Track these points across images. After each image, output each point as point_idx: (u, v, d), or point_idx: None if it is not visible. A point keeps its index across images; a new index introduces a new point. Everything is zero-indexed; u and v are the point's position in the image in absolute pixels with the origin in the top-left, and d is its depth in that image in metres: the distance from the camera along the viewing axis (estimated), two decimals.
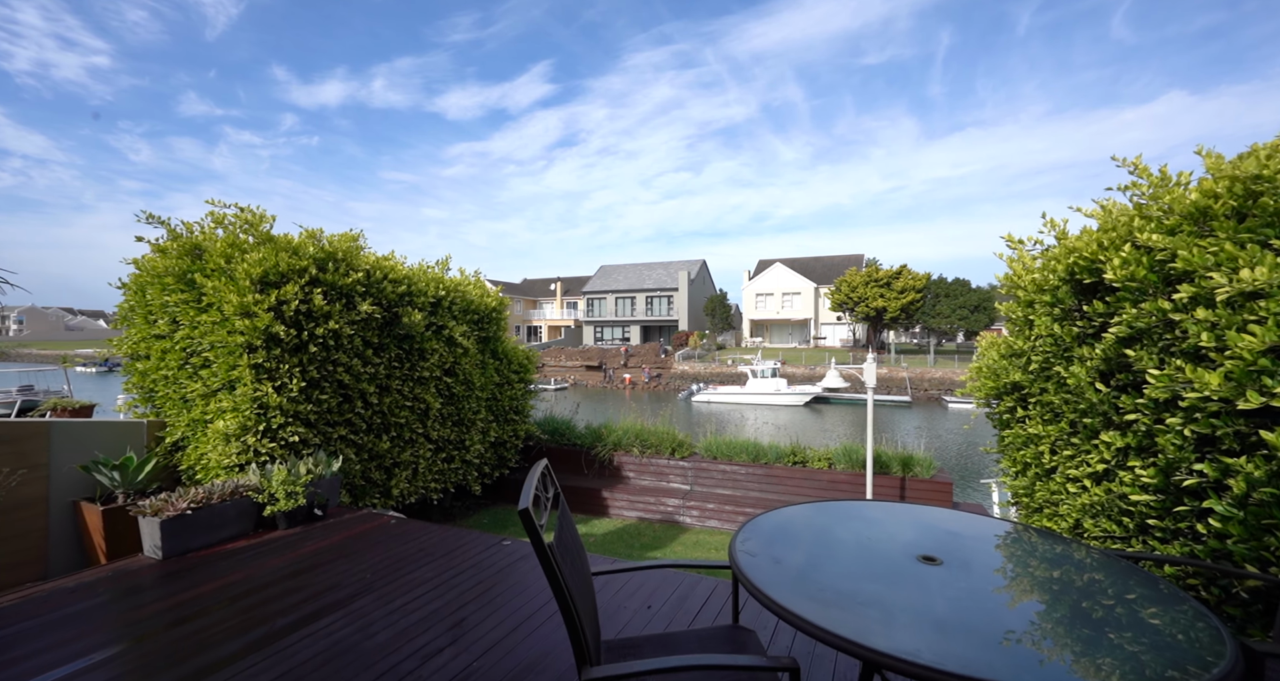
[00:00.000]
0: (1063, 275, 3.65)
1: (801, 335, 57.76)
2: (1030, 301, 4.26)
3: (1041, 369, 4.06)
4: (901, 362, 43.69)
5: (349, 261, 5.52)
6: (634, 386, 47.12)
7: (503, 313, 7.87)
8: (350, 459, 5.55)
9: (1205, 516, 2.80)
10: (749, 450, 8.13)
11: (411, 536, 4.41)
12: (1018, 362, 4.96)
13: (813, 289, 55.97)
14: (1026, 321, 4.44)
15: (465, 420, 7.26)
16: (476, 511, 8.16)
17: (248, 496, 4.20)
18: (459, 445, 7.26)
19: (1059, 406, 4.09)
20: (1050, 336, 3.84)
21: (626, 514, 8.09)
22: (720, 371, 45.57)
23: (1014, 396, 5.14)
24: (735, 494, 7.99)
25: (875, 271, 45.47)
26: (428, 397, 6.48)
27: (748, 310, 58.89)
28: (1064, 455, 4.16)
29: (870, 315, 45.16)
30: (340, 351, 5.37)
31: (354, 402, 5.60)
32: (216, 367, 4.56)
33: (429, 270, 6.82)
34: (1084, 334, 3.63)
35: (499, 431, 8.09)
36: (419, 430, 6.47)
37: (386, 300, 5.92)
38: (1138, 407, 3.12)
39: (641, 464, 8.55)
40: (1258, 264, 2.41)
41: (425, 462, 6.64)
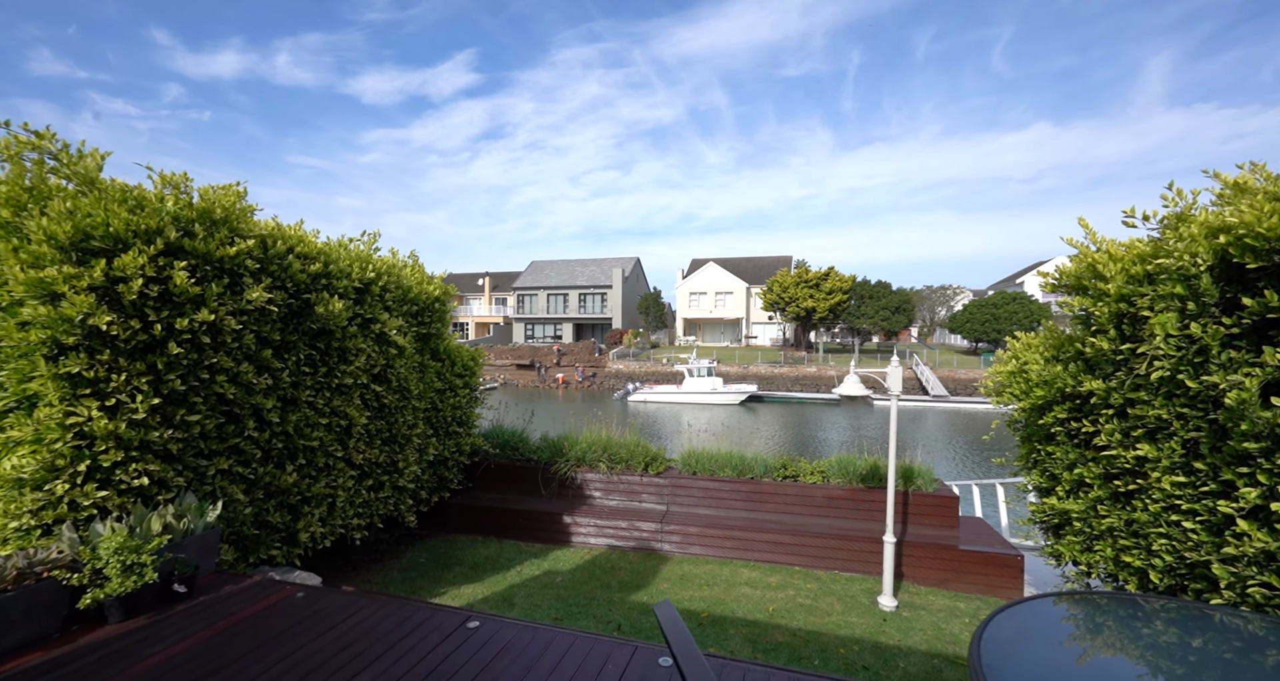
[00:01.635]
0: (1207, 260, 2.92)
1: (734, 334, 58.50)
2: (1127, 295, 3.56)
3: (1160, 378, 3.30)
4: (829, 362, 45.09)
5: (233, 225, 3.97)
6: (567, 386, 45.55)
7: (447, 304, 6.43)
8: (238, 500, 4.01)
9: None
10: (733, 463, 7.20)
11: (328, 617, 3.03)
12: (1075, 368, 4.29)
13: (744, 288, 56.79)
14: (1117, 320, 3.74)
15: (398, 437, 5.79)
16: (411, 546, 6.67)
17: (51, 578, 2.66)
18: (390, 468, 5.78)
19: (1172, 423, 3.39)
20: (1178, 338, 3.11)
21: (594, 541, 6.91)
22: (656, 370, 44.99)
23: (1066, 406, 4.49)
24: (719, 514, 7.02)
25: (805, 273, 46.64)
26: (350, 411, 4.99)
27: (681, 309, 58.85)
28: (1166, 482, 3.47)
29: (801, 315, 46.28)
30: (221, 353, 3.83)
31: (243, 423, 4.06)
32: (3, 378, 2.93)
33: (353, 246, 5.31)
34: (1235, 334, 2.93)
35: (439, 448, 6.64)
36: (338, 453, 4.97)
37: (294, 283, 4.40)
38: None
39: (610, 482, 7.39)
40: None
41: (346, 494, 5.14)
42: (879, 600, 5.42)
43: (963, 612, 5.38)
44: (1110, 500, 4.20)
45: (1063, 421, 4.55)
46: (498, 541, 6.98)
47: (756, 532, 6.55)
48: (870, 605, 5.43)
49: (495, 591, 5.54)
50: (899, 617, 5.16)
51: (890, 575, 5.35)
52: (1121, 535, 4.04)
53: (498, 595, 5.44)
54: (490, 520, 7.18)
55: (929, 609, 5.42)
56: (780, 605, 5.35)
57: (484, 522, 7.19)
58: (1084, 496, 4.43)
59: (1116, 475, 4.04)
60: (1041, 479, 5.14)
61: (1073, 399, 4.45)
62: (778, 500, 6.95)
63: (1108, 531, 4.25)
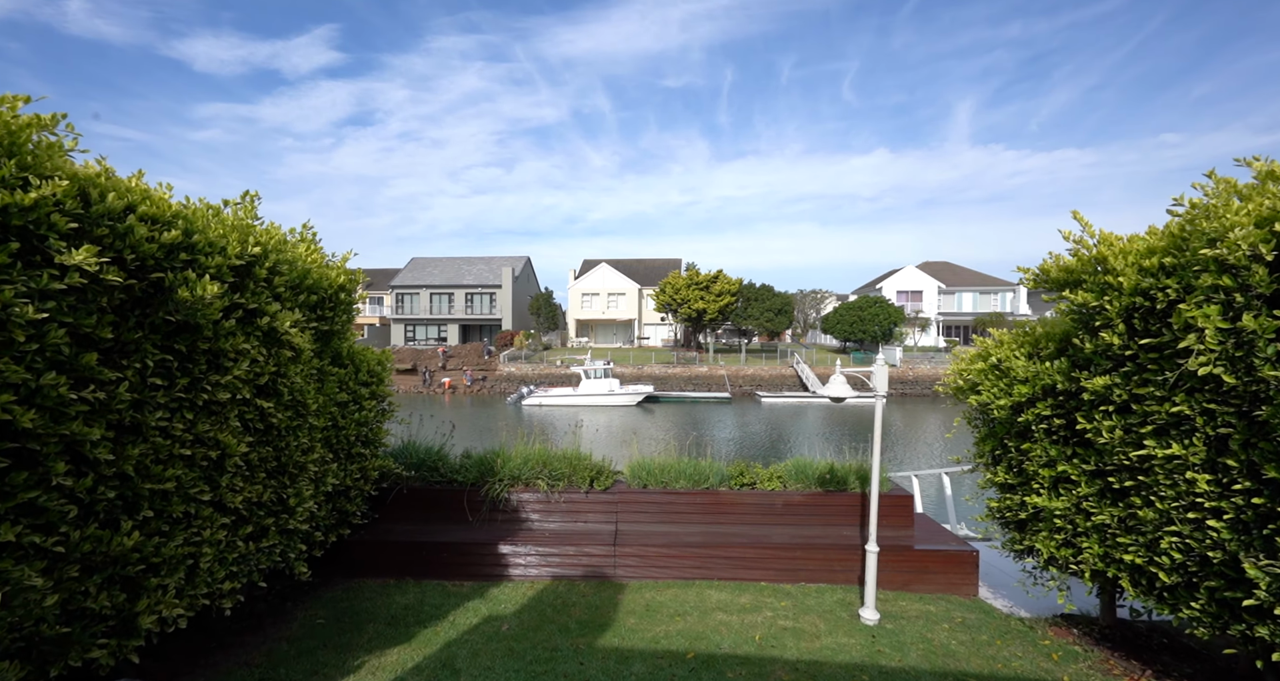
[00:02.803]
0: (1268, 250, 2.83)
1: (626, 335, 58.66)
2: (1145, 289, 3.48)
3: (1193, 373, 3.17)
4: (719, 361, 46.80)
5: (24, 158, 2.58)
6: (454, 391, 42.56)
7: (353, 295, 5.10)
8: (32, 587, 2.60)
9: None
10: (687, 473, 6.62)
11: None
12: (1063, 364, 4.23)
13: (636, 290, 57.19)
14: (1128, 314, 3.67)
15: (290, 466, 4.41)
16: (304, 604, 5.22)
17: None
18: (277, 508, 4.38)
19: (1195, 420, 3.34)
20: (1224, 332, 3.01)
21: (536, 572, 5.94)
22: (550, 372, 43.59)
23: (1049, 403, 4.47)
24: (675, 530, 6.40)
25: (696, 275, 47.97)
26: (224, 438, 3.62)
27: (573, 310, 57.83)
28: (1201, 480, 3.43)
29: (693, 316, 47.50)
30: (4, 357, 2.44)
31: (46, 466, 2.65)
32: None
33: (228, 213, 3.90)
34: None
35: (340, 475, 5.28)
36: (204, 496, 3.57)
37: (137, 256, 3.01)
38: None
39: (550, 502, 6.44)
40: None
41: (214, 550, 3.74)
42: (860, 614, 5.13)
43: (938, 617, 5.26)
44: (1097, 497, 4.21)
45: (1045, 418, 4.54)
46: (417, 584, 5.73)
47: (718, 548, 6.02)
48: (852, 620, 5.12)
49: (429, 654, 4.40)
50: (885, 632, 4.89)
51: (872, 587, 5.08)
52: (1117, 532, 4.04)
53: (434, 660, 4.31)
54: (406, 557, 5.90)
55: (906, 617, 5.24)
56: (765, 632, 4.84)
57: (398, 561, 5.89)
58: (1068, 493, 4.44)
59: (1111, 471, 4.03)
60: (1009, 475, 5.16)
61: (1056, 395, 4.45)
62: (736, 510, 6.49)
63: (1095, 528, 4.26)
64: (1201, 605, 3.52)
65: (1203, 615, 3.54)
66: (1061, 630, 5.06)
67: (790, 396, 39.97)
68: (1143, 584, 3.99)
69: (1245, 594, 3.23)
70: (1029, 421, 4.63)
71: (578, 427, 7.27)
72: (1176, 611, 3.73)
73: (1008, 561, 6.37)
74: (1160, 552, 3.72)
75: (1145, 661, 4.45)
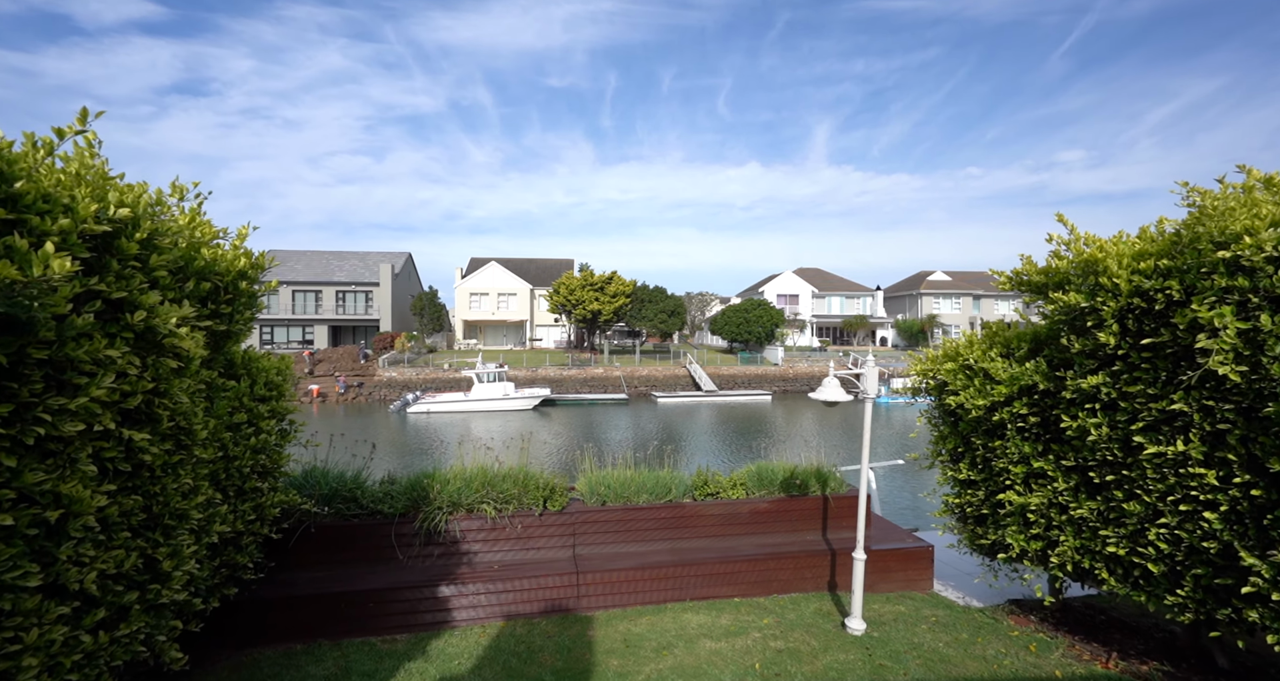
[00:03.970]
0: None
1: (518, 336, 56.57)
2: (1145, 290, 3.58)
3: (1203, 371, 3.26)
4: (615, 363, 46.73)
5: None
6: (324, 399, 37.97)
7: (255, 284, 3.88)
8: None
9: None
10: (648, 485, 6.08)
11: None
12: (1041, 363, 4.34)
13: (528, 290, 55.38)
14: (1121, 314, 3.78)
15: (166, 517, 3.19)
16: None
17: None
18: (144, 577, 3.14)
19: (1193, 416, 3.48)
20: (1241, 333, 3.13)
21: (488, 614, 5.06)
22: (438, 377, 40.54)
23: (1025, 401, 4.59)
24: (642, 550, 5.83)
25: (590, 276, 47.48)
26: (69, 489, 2.43)
27: (461, 310, 54.56)
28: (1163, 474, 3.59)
29: (587, 317, 46.93)
30: None
31: None
32: None
33: (78, 165, 2.66)
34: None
35: (231, 519, 4.02)
36: (30, 581, 2.37)
37: None
38: None
39: (497, 528, 5.56)
40: None
41: (42, 661, 2.52)
42: (847, 623, 4.95)
43: (912, 617, 5.26)
44: (1074, 492, 4.37)
45: (1020, 416, 4.66)
46: (335, 645, 4.59)
47: (688, 566, 5.57)
48: (840, 632, 4.93)
49: None
50: (875, 641, 4.75)
51: (859, 595, 4.92)
52: (1097, 525, 4.20)
53: None
54: (320, 613, 4.71)
55: (884, 621, 5.16)
56: (761, 658, 4.46)
57: (309, 620, 4.69)
58: (1042, 488, 4.58)
59: (1092, 467, 4.19)
60: (972, 472, 5.28)
61: (1033, 394, 4.57)
62: (702, 523, 6.08)
63: (1071, 521, 4.42)
64: (1187, 592, 3.72)
65: (1188, 601, 3.74)
66: (1020, 618, 5.28)
67: (684, 396, 40.90)
68: (1118, 573, 4.18)
69: (1238, 580, 3.43)
70: (1004, 419, 4.74)
71: (526, 441, 6.39)
72: (1158, 599, 3.93)
73: (949, 552, 6.64)
74: (1146, 544, 3.89)
75: (1102, 642, 4.73)
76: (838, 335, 60.90)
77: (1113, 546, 4.05)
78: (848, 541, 6.19)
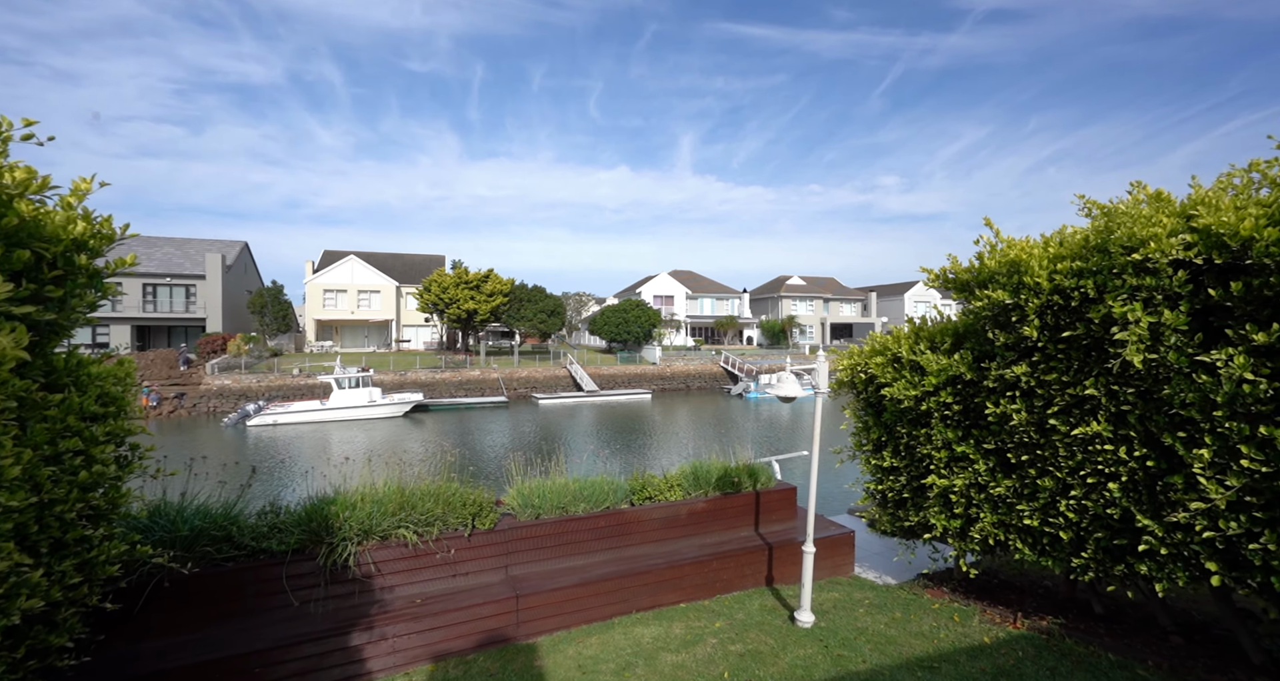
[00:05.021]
0: (1192, 255, 3.44)
1: (382, 337, 51.74)
2: (1065, 288, 4.02)
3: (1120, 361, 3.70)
4: (492, 364, 44.66)
5: None
6: None
7: (97, 258, 2.83)
8: None
9: None
10: (586, 492, 5.66)
11: None
12: (967, 355, 4.77)
13: (394, 287, 50.93)
14: (1041, 311, 4.21)
15: None
16: None
17: None
18: None
19: (1100, 400, 3.97)
20: (1144, 325, 3.60)
21: (412, 658, 4.32)
22: (285, 384, 35.55)
23: (950, 391, 4.98)
24: (583, 563, 5.40)
25: (465, 274, 44.97)
26: None
27: (313, 309, 48.52)
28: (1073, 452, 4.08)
29: (462, 317, 44.33)
30: None
31: None
32: None
33: None
34: (1190, 321, 3.53)
35: (44, 587, 2.90)
36: None
37: None
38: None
39: (419, 555, 4.79)
40: None
41: None
42: (796, 616, 5.00)
43: (848, 603, 5.48)
44: (991, 472, 4.82)
45: (946, 405, 5.05)
46: None
47: (632, 576, 5.28)
48: (791, 626, 4.96)
49: None
50: (825, 632, 4.84)
51: (809, 588, 5.00)
52: (1014, 501, 4.66)
53: None
54: None
55: (824, 610, 5.31)
56: (726, 665, 4.31)
57: None
58: (964, 471, 5.01)
59: (1010, 449, 4.64)
60: (895, 459, 5.66)
61: (958, 384, 4.98)
62: (642, 528, 5.81)
63: (989, 500, 4.88)
64: (1090, 554, 4.25)
65: (1089, 562, 4.28)
66: (934, 590, 5.76)
67: (566, 396, 40.35)
68: (1029, 542, 4.69)
69: (1133, 540, 3.98)
70: (930, 408, 5.11)
71: (449, 455, 5.61)
72: (1064, 562, 4.46)
73: (860, 535, 7.08)
74: (1056, 515, 4.39)
75: (1006, 604, 5.31)
76: (710, 335, 64.24)
77: (1028, 519, 4.52)
78: (780, 534, 6.33)
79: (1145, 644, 4.51)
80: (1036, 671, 4.06)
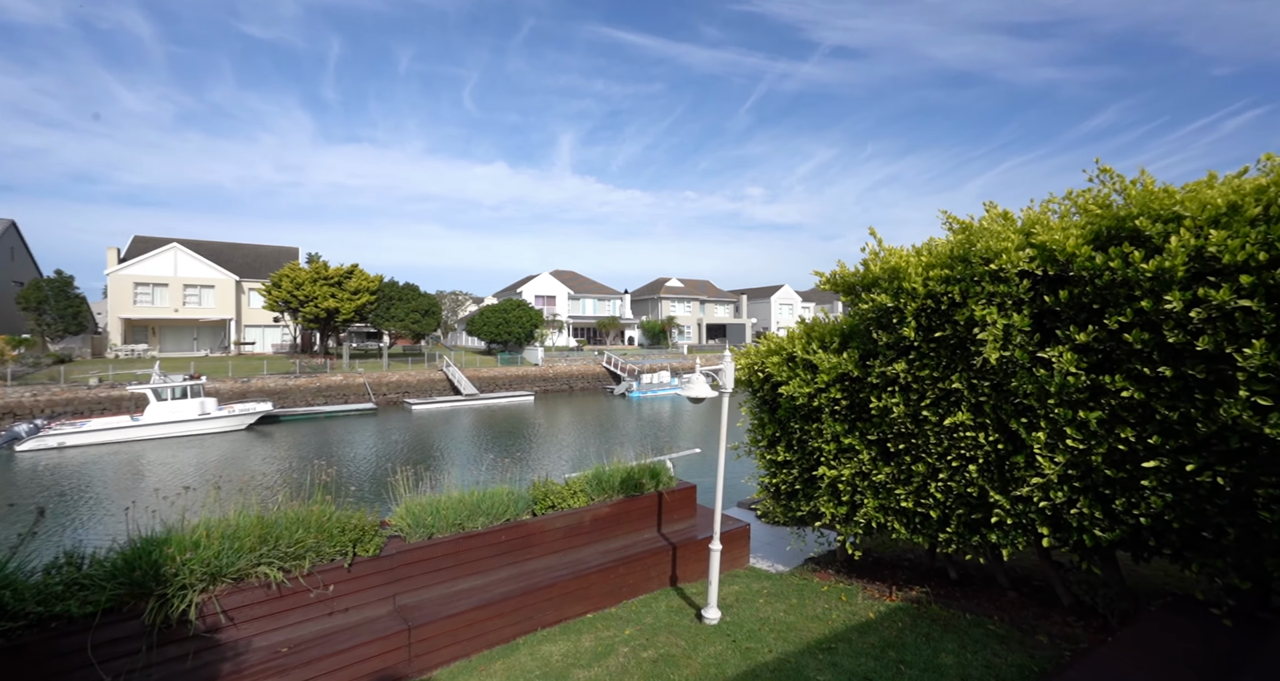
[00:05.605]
0: (1036, 267, 3.98)
1: (217, 340, 44.85)
2: (936, 293, 4.49)
3: (998, 362, 4.20)
4: (357, 368, 40.72)
5: None
6: None
7: None
8: None
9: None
10: (485, 505, 5.25)
11: None
12: (853, 354, 5.17)
13: (233, 282, 44.41)
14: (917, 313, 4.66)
15: None
16: None
17: None
18: None
19: (963, 392, 4.48)
20: (998, 326, 4.11)
21: None
22: (77, 397, 29.28)
23: (839, 387, 5.36)
24: (483, 583, 4.98)
25: (324, 269, 40.56)
26: None
27: (119, 306, 40.62)
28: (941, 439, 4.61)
29: (321, 317, 39.86)
30: None
31: None
32: None
33: None
34: (1031, 323, 4.10)
35: None
36: None
37: None
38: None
39: (286, 595, 4.08)
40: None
41: None
42: (704, 614, 5.07)
43: (748, 595, 5.68)
44: (873, 461, 5.27)
45: (835, 401, 5.43)
46: None
47: (537, 591, 5.01)
48: (699, 624, 5.01)
49: None
50: (732, 626, 4.96)
51: (715, 586, 5.08)
52: (893, 487, 5.13)
53: None
54: None
55: (731, 604, 5.46)
56: (640, 674, 4.22)
57: None
58: (850, 461, 5.41)
59: (890, 439, 5.10)
60: (788, 453, 5.99)
61: (846, 380, 5.37)
62: (546, 539, 5.53)
63: (871, 486, 5.32)
64: (953, 529, 4.80)
65: (953, 536, 4.83)
66: (822, 573, 6.18)
67: (443, 401, 38.06)
68: (904, 522, 5.19)
69: (986, 514, 4.56)
70: (821, 404, 5.46)
71: (326, 473, 4.84)
72: (931, 538, 4.99)
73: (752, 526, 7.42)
74: (927, 496, 4.90)
75: (880, 579, 5.84)
76: (592, 335, 64.38)
77: (904, 502, 5.01)
78: (682, 534, 6.41)
79: (990, 600, 5.21)
80: (915, 639, 4.49)
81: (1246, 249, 3.26)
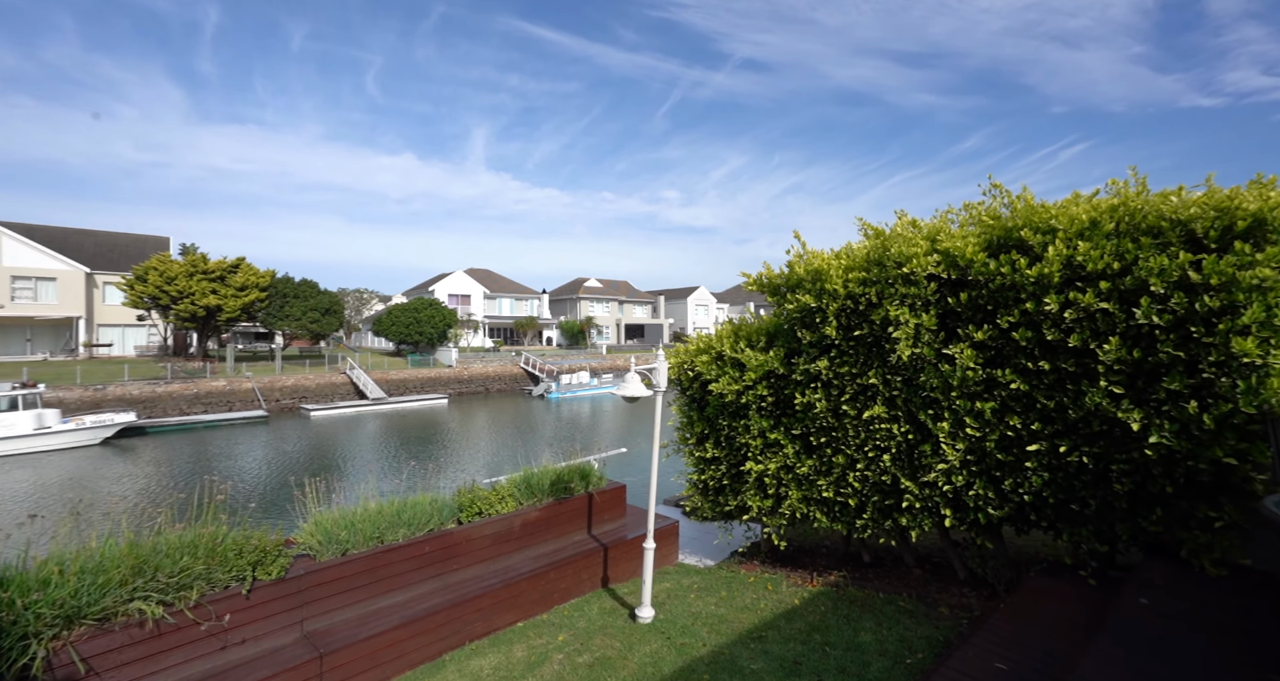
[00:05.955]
0: (940, 270, 4.34)
1: (59, 341, 38.85)
2: (855, 295, 4.78)
3: (906, 359, 4.52)
4: (245, 372, 36.89)
5: None
6: None
7: None
8: None
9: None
10: (406, 515, 4.91)
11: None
12: (779, 352, 5.39)
13: (83, 275, 38.68)
14: (838, 314, 4.93)
15: None
16: None
17: None
18: None
19: (879, 387, 4.81)
20: (909, 325, 4.45)
21: None
22: None
23: (765, 384, 5.57)
24: (406, 598, 4.64)
25: (203, 261, 36.43)
26: None
27: None
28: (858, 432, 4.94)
29: (199, 315, 35.71)
30: None
31: None
32: None
33: None
34: (954, 325, 4.46)
35: None
36: None
37: None
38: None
39: (167, 633, 3.56)
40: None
41: None
42: (637, 613, 5.06)
43: (678, 591, 5.74)
44: (797, 455, 5.52)
45: (762, 397, 5.63)
46: None
47: (464, 603, 4.77)
48: (633, 624, 4.99)
49: None
50: (665, 623, 4.99)
51: (649, 585, 5.09)
52: (815, 478, 5.39)
53: None
54: None
55: (662, 601, 5.49)
56: (578, 680, 4.13)
57: None
58: (775, 455, 5.64)
59: (812, 433, 5.36)
60: (716, 450, 6.14)
61: (771, 378, 5.58)
62: (474, 548, 5.27)
63: (795, 478, 5.57)
64: (869, 516, 5.14)
65: (869, 522, 5.17)
66: (748, 565, 6.39)
67: (346, 406, 35.44)
68: (826, 511, 5.49)
69: (898, 500, 4.92)
70: (749, 401, 5.64)
71: (220, 491, 4.25)
72: (850, 524, 5.31)
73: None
74: (846, 486, 5.21)
75: (801, 566, 6.14)
76: (509, 335, 62.71)
77: (825, 492, 5.29)
78: (612, 534, 6.37)
79: (899, 578, 5.63)
80: (837, 621, 4.76)
81: (1104, 259, 3.77)
